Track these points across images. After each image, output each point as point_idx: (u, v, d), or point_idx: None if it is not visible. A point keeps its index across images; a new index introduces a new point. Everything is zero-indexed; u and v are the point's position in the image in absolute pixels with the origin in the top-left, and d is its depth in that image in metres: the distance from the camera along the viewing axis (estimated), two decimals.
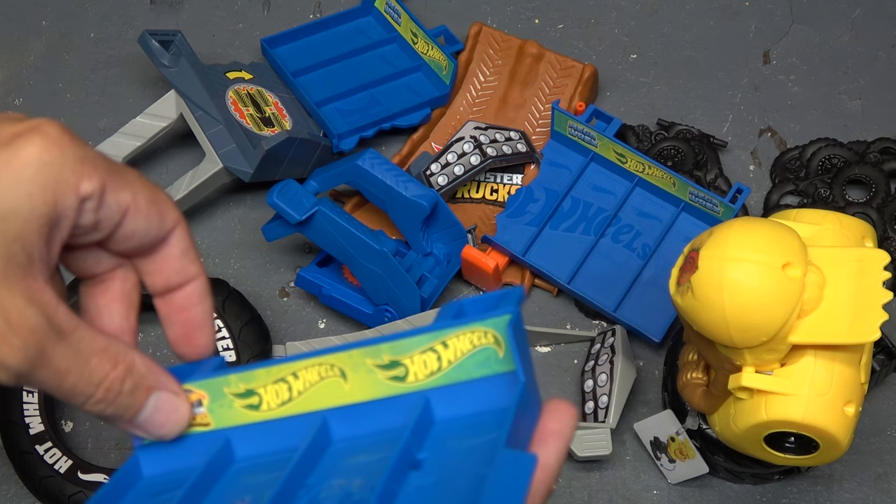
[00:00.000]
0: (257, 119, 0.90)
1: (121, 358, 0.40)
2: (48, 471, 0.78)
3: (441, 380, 0.40)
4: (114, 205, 0.39)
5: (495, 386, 0.39)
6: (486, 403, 0.39)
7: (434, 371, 0.40)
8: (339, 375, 0.41)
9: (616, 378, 0.80)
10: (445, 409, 0.40)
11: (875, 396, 0.84)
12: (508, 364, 0.39)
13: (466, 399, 0.40)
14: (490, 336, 0.39)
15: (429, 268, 0.86)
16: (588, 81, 0.94)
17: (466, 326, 0.39)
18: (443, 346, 0.40)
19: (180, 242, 0.42)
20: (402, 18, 0.97)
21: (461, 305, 0.41)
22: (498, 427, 0.37)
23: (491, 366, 0.39)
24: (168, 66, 0.90)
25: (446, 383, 0.40)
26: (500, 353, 0.39)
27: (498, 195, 0.92)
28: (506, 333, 0.39)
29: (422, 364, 0.40)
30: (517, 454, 0.35)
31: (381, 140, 0.95)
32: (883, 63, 0.99)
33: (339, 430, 0.41)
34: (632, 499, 0.81)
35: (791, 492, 0.81)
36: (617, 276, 0.86)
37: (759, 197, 0.92)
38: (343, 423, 0.41)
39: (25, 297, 0.36)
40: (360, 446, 0.41)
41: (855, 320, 0.65)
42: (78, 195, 0.37)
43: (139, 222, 0.40)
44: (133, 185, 0.39)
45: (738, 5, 1.02)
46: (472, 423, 0.39)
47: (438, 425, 0.40)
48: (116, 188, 0.38)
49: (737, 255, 0.64)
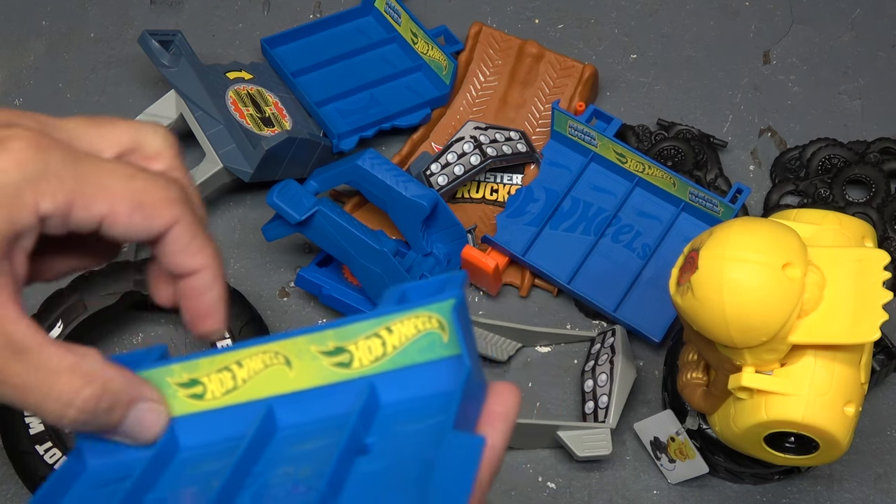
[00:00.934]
0: (257, 119, 0.90)
1: (94, 376, 0.39)
2: (48, 471, 0.78)
3: (386, 365, 0.40)
4: (84, 218, 0.38)
5: (440, 370, 0.39)
6: (432, 387, 0.39)
7: (379, 356, 0.40)
8: (284, 363, 0.41)
9: (616, 378, 0.80)
10: (391, 393, 0.40)
11: (875, 396, 0.84)
12: (453, 348, 0.39)
13: (412, 383, 0.40)
14: (434, 321, 0.39)
15: (429, 268, 0.86)
16: (588, 81, 0.94)
17: (411, 311, 0.39)
18: (387, 332, 0.40)
19: (180, 238, 0.40)
20: (402, 18, 0.97)
21: (404, 290, 0.40)
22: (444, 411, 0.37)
23: (435, 350, 0.39)
24: (168, 66, 0.90)
25: (391, 368, 0.40)
26: (445, 338, 0.39)
27: (498, 195, 0.92)
28: (450, 318, 0.39)
29: (366, 350, 0.40)
30: (465, 436, 0.35)
31: (381, 140, 0.95)
32: (883, 63, 0.99)
33: (285, 418, 0.41)
34: (632, 499, 0.81)
35: (791, 492, 0.81)
36: (617, 276, 0.86)
37: (759, 197, 0.92)
38: (289, 411, 0.41)
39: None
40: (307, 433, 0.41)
41: (855, 320, 0.65)
42: (36, 214, 0.37)
43: (118, 230, 0.39)
44: (112, 193, 0.38)
45: (738, 5, 1.02)
46: (418, 407, 0.39)
47: (385, 410, 0.40)
48: (87, 202, 0.38)
49: (737, 255, 0.64)
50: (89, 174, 0.38)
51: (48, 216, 0.37)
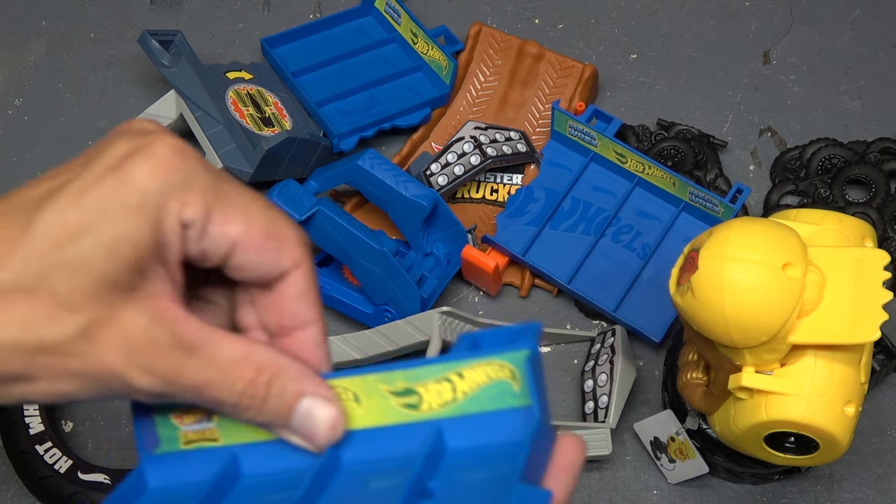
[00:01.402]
0: (257, 119, 0.90)
1: (266, 363, 0.38)
2: (48, 471, 0.78)
3: (455, 410, 0.40)
4: (219, 236, 0.38)
5: (509, 420, 0.39)
6: (499, 436, 0.39)
7: (448, 401, 0.40)
8: (353, 399, 0.40)
9: (616, 378, 0.80)
10: (458, 439, 0.40)
11: (875, 396, 0.84)
12: (524, 399, 0.39)
13: (480, 431, 0.39)
14: (507, 370, 0.39)
15: (429, 268, 0.86)
16: (588, 81, 0.94)
17: (483, 359, 0.39)
18: (458, 377, 0.39)
19: (297, 284, 0.40)
20: (402, 18, 0.97)
21: (476, 337, 0.40)
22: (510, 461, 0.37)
23: (506, 399, 0.39)
24: (168, 66, 0.90)
25: (460, 414, 0.40)
26: (516, 388, 0.39)
27: (498, 195, 0.92)
28: (523, 368, 0.38)
29: (436, 393, 0.40)
30: (533, 490, 0.35)
31: (381, 140, 0.95)
32: (883, 63, 0.99)
33: (350, 455, 0.41)
34: (632, 499, 0.81)
35: (791, 492, 0.81)
36: (617, 276, 0.86)
37: (759, 197, 0.92)
38: (354, 448, 0.41)
39: (149, 316, 0.36)
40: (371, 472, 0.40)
41: (855, 320, 0.65)
42: (179, 221, 0.37)
43: (249, 257, 0.38)
44: (249, 216, 0.38)
45: (738, 5, 1.02)
46: (484, 456, 0.39)
47: (450, 456, 0.40)
48: (225, 219, 0.37)
49: (737, 255, 0.64)
50: (229, 193, 0.38)
51: (190, 224, 0.37)
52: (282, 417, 0.39)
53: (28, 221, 0.36)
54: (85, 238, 0.35)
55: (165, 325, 0.37)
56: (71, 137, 0.96)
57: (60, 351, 0.36)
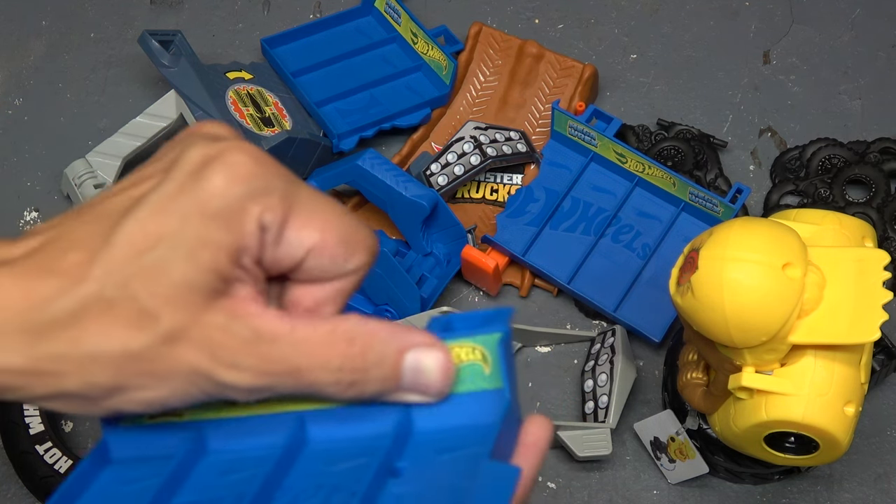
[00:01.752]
0: (257, 119, 0.90)
1: (354, 332, 0.37)
2: (48, 471, 0.78)
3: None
4: (294, 241, 0.38)
5: (479, 402, 0.39)
6: (469, 418, 0.39)
7: None
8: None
9: (616, 378, 0.80)
10: (428, 421, 0.40)
11: (875, 396, 0.84)
12: (495, 381, 0.39)
13: (450, 413, 0.40)
14: (478, 352, 0.39)
15: (429, 268, 0.86)
16: (588, 81, 0.94)
17: (455, 341, 0.39)
18: None
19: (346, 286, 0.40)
20: (402, 18, 0.97)
21: (449, 320, 0.41)
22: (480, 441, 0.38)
23: (476, 382, 0.39)
24: (168, 66, 0.90)
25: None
26: (487, 370, 0.39)
27: (498, 195, 0.92)
28: (495, 351, 0.39)
29: None
30: (502, 466, 0.36)
31: (381, 140, 0.95)
32: (883, 63, 0.99)
33: (318, 433, 0.41)
34: (632, 499, 0.81)
35: (791, 492, 0.81)
36: (617, 276, 0.86)
37: (759, 197, 0.92)
38: (322, 426, 0.41)
39: (226, 314, 0.36)
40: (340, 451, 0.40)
41: (855, 320, 0.65)
42: (259, 225, 0.37)
43: (322, 262, 0.39)
44: (326, 221, 0.38)
45: (738, 5, 1.02)
46: (454, 437, 0.39)
47: (420, 436, 0.40)
48: (301, 224, 0.38)
49: (737, 255, 0.64)
50: (307, 198, 0.38)
51: (268, 227, 0.37)
52: (391, 381, 0.38)
53: (109, 231, 0.36)
54: (164, 245, 0.36)
55: (244, 321, 0.36)
56: (71, 137, 0.96)
57: (146, 358, 0.36)
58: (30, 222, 0.92)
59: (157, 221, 0.36)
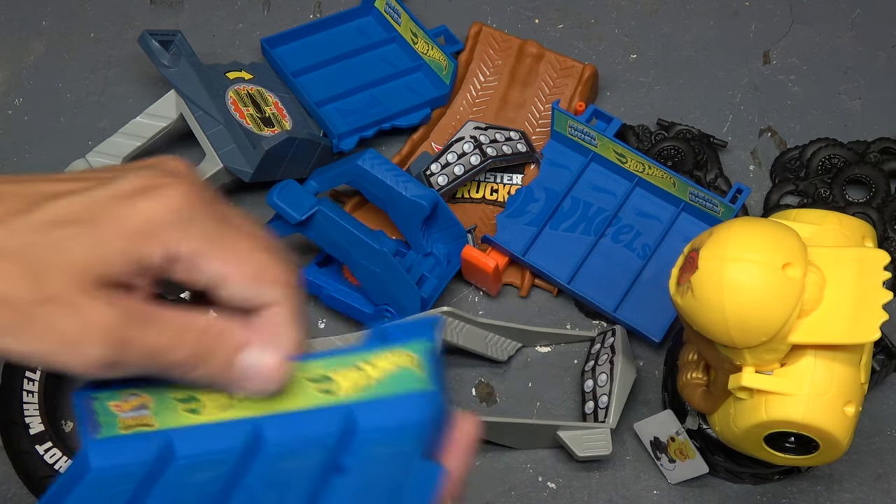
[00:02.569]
0: (257, 119, 0.90)
1: (209, 325, 0.42)
2: (48, 471, 0.78)
3: (366, 394, 0.45)
4: (207, 271, 0.42)
5: (413, 402, 0.44)
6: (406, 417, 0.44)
7: (361, 386, 0.45)
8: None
9: (616, 378, 0.80)
10: (369, 420, 0.45)
11: (875, 396, 0.84)
12: (427, 384, 0.44)
13: (388, 412, 0.45)
14: (412, 359, 0.45)
15: (429, 268, 0.86)
16: (588, 81, 0.94)
17: (391, 349, 0.44)
18: (370, 366, 0.45)
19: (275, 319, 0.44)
20: (402, 18, 0.97)
21: (385, 330, 0.45)
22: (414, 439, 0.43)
23: (411, 384, 0.45)
24: (168, 66, 0.90)
25: (371, 398, 0.45)
26: (420, 374, 0.44)
27: (498, 195, 0.92)
28: (426, 358, 0.44)
29: (350, 380, 0.45)
30: (428, 465, 0.41)
31: (381, 140, 0.95)
32: (883, 63, 0.99)
33: (273, 435, 0.45)
34: (632, 499, 0.81)
35: (791, 492, 0.81)
36: (617, 276, 0.86)
37: (759, 197, 0.92)
38: (277, 429, 0.45)
39: (106, 302, 0.40)
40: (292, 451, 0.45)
41: (855, 320, 0.65)
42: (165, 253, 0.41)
43: (232, 291, 0.43)
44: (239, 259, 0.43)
45: (738, 5, 1.02)
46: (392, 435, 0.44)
47: (362, 435, 0.45)
48: (215, 258, 0.42)
49: (737, 255, 0.64)
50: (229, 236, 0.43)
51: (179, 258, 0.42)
52: (226, 370, 0.43)
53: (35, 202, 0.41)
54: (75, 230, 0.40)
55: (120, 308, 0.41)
56: (71, 137, 0.96)
57: (19, 311, 0.39)
58: None
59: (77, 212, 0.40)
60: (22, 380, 0.80)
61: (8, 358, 0.40)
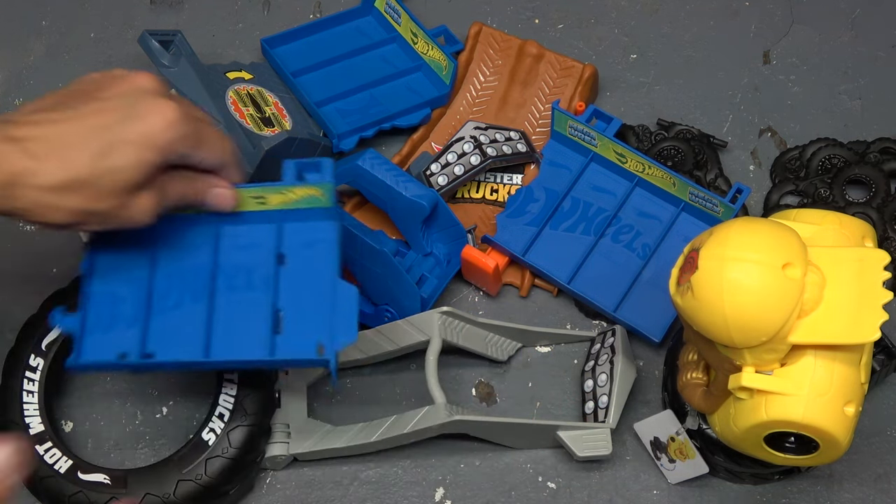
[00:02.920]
0: (257, 119, 0.90)
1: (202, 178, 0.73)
2: (48, 471, 0.78)
3: (287, 205, 0.74)
4: (197, 158, 0.70)
5: (321, 212, 0.75)
6: (316, 221, 0.75)
7: (283, 201, 0.74)
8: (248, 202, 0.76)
9: (616, 378, 0.80)
10: (292, 225, 0.75)
11: (875, 396, 0.84)
12: (330, 204, 0.74)
13: (303, 218, 0.75)
14: (319, 192, 0.74)
15: (429, 268, 0.86)
16: (588, 81, 0.94)
17: (304, 185, 0.74)
18: (290, 192, 0.74)
19: (227, 172, 0.73)
20: (402, 18, 0.97)
21: (300, 169, 0.74)
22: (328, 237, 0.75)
23: (319, 203, 0.74)
24: (168, 66, 0.90)
25: (291, 207, 0.74)
26: (325, 201, 0.74)
27: (498, 195, 0.92)
28: (329, 191, 0.74)
29: (276, 198, 0.74)
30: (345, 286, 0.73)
31: (381, 140, 0.95)
32: (883, 63, 0.99)
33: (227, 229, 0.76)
34: (632, 499, 0.81)
35: (791, 492, 0.81)
36: (617, 276, 0.86)
37: (759, 197, 0.92)
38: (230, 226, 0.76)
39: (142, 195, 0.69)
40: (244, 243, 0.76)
41: (855, 320, 0.65)
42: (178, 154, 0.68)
43: (209, 164, 0.71)
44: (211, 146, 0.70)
45: (738, 5, 1.02)
46: (308, 233, 0.75)
47: (289, 234, 0.75)
48: (198, 150, 0.69)
49: (737, 255, 0.64)
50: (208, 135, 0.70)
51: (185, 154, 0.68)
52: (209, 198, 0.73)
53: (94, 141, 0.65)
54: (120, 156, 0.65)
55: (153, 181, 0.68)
56: None
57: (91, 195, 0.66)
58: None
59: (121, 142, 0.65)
60: (22, 380, 0.80)
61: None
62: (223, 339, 0.73)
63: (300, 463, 0.82)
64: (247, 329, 0.73)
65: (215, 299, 0.74)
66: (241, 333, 0.73)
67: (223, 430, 0.77)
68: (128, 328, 0.74)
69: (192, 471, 0.76)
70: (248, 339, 0.73)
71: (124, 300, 0.75)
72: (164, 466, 0.77)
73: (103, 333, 0.74)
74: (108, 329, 0.74)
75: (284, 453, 0.80)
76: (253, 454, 0.78)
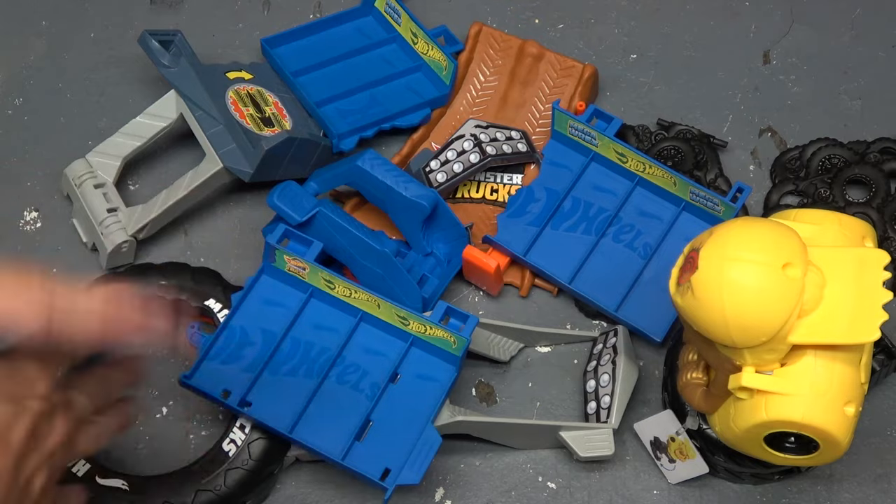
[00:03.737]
0: (257, 119, 0.90)
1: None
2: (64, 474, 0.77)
3: (422, 336, 0.79)
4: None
5: (447, 354, 0.79)
6: (438, 362, 0.80)
7: (421, 332, 0.79)
8: (376, 307, 0.80)
9: (619, 378, 0.80)
10: (419, 354, 0.80)
11: (875, 396, 0.84)
12: (457, 351, 0.78)
13: (430, 354, 0.80)
14: (455, 339, 0.78)
15: (429, 268, 0.86)
16: (588, 81, 0.94)
17: (447, 329, 0.78)
18: (430, 327, 0.78)
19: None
20: (402, 18, 0.97)
21: (447, 314, 0.79)
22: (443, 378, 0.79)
23: (448, 346, 0.79)
24: (168, 66, 0.90)
25: (424, 339, 0.79)
26: (454, 346, 0.78)
27: (498, 195, 0.92)
28: (462, 344, 0.78)
29: (417, 326, 0.79)
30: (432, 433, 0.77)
31: (381, 140, 0.95)
32: (883, 63, 0.99)
33: (366, 327, 0.80)
34: (632, 499, 0.81)
35: (791, 492, 0.81)
36: (618, 275, 0.86)
37: (759, 197, 0.92)
38: (369, 324, 0.80)
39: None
40: (374, 348, 0.80)
41: (855, 320, 0.65)
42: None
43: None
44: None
45: (738, 5, 1.02)
46: (427, 369, 0.79)
47: (412, 361, 0.80)
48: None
49: (737, 255, 0.64)
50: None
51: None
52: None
53: None
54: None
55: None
56: (71, 137, 0.96)
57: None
58: (30, 222, 0.92)
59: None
60: None
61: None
62: (311, 423, 0.76)
63: (300, 463, 0.82)
64: (335, 424, 0.76)
65: (324, 384, 0.78)
66: (329, 426, 0.76)
67: (244, 441, 0.77)
68: (242, 371, 0.78)
69: (211, 481, 0.76)
70: (331, 434, 0.76)
71: (252, 345, 0.79)
72: (184, 475, 0.77)
73: (221, 364, 0.78)
74: (226, 363, 0.79)
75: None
76: (272, 466, 0.78)
